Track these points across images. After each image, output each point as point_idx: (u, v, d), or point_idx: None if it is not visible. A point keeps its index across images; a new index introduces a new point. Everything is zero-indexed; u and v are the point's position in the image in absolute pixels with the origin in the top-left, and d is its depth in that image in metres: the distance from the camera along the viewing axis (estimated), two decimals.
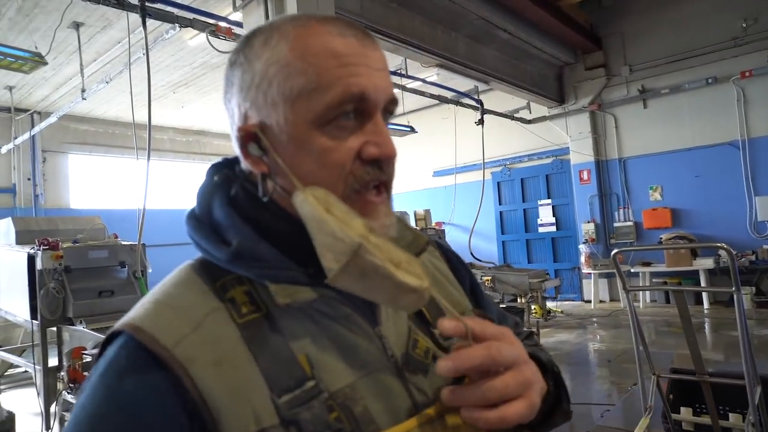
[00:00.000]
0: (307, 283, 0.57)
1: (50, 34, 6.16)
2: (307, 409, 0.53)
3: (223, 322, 0.55)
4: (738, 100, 8.04)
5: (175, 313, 0.55)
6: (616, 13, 9.16)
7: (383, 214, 0.59)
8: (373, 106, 0.58)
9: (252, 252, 0.57)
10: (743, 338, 2.08)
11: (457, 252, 0.85)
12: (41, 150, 9.55)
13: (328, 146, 0.57)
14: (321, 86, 0.56)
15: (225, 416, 0.50)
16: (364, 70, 0.58)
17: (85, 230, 4.83)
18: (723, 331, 6.45)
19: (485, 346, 0.52)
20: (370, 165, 0.58)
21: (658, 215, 8.78)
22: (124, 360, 0.53)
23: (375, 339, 0.60)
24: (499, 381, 0.52)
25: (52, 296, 4.10)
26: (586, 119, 9.50)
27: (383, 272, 0.50)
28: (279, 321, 0.56)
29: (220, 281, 0.58)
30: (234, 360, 0.53)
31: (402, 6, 6.17)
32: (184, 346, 0.52)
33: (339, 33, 0.58)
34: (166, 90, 8.94)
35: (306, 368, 0.55)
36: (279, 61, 0.58)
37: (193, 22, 4.81)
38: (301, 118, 0.57)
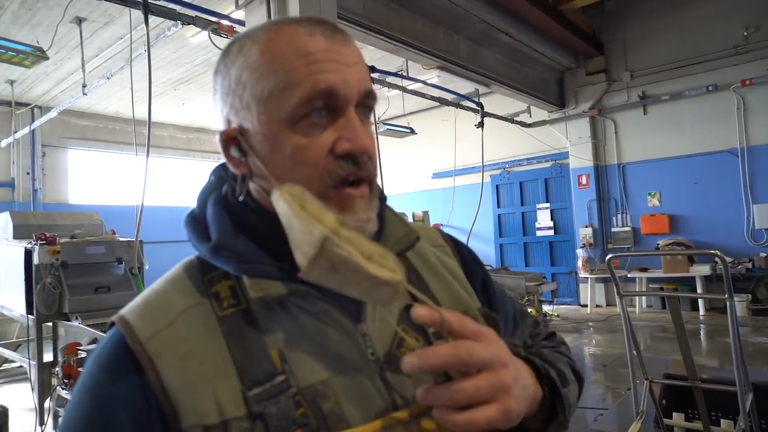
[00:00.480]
0: (279, 277, 0.58)
1: (52, 28, 6.17)
2: (274, 403, 0.54)
3: (200, 318, 0.58)
4: (738, 108, 8.06)
5: (155, 309, 0.59)
6: (618, 18, 9.17)
7: (360, 209, 0.59)
8: (344, 101, 0.59)
9: (229, 246, 0.59)
10: (735, 345, 2.09)
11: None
12: (41, 144, 9.54)
13: (301, 144, 0.58)
14: (289, 85, 0.57)
15: (183, 407, 0.53)
16: (332, 66, 0.58)
17: (83, 225, 4.83)
18: (718, 337, 6.46)
19: (454, 345, 0.50)
20: (343, 160, 0.58)
21: (656, 221, 8.80)
22: (107, 350, 0.58)
23: (356, 336, 0.60)
24: (469, 383, 0.50)
25: (48, 291, 4.10)
26: (586, 124, 9.51)
27: (352, 265, 0.49)
28: (257, 315, 0.58)
29: (209, 276, 0.61)
30: (203, 354, 0.56)
31: (404, 7, 6.18)
32: (155, 341, 0.56)
33: (307, 32, 0.59)
34: (167, 87, 8.95)
35: (277, 363, 0.56)
36: (250, 66, 0.60)
37: (195, 20, 4.81)
38: (274, 118, 0.58)
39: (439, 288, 0.71)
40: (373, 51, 7.04)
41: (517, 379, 0.54)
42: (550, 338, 0.82)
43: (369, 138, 0.61)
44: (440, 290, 0.71)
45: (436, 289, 0.71)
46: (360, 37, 5.88)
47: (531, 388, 0.58)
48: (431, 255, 0.75)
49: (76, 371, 3.23)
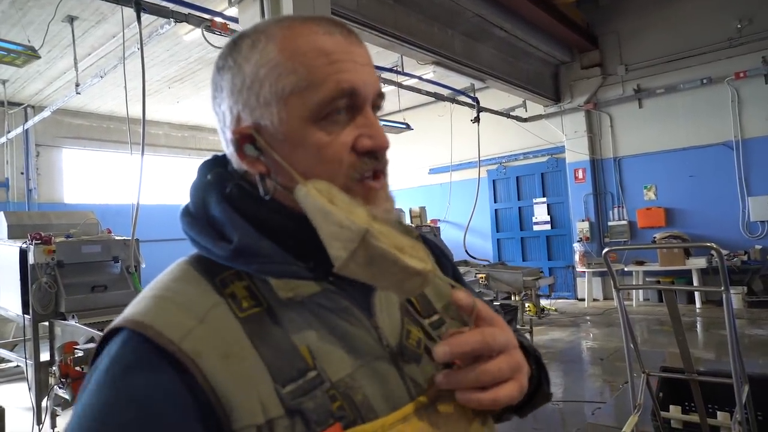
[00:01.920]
0: (310, 277, 0.59)
1: (44, 27, 6.12)
2: (310, 398, 0.54)
3: (224, 316, 0.56)
4: (732, 101, 8.08)
5: (178, 307, 0.55)
6: (612, 12, 9.17)
7: (383, 199, 0.62)
8: (363, 100, 0.61)
9: (253, 248, 0.58)
10: (731, 337, 2.09)
11: (449, 247, 0.87)
12: (35, 144, 9.48)
13: (324, 141, 0.59)
14: (313, 83, 0.58)
15: (236, 408, 0.51)
16: (352, 65, 0.60)
17: (78, 225, 4.81)
18: (714, 330, 6.49)
19: (480, 332, 0.56)
20: (365, 156, 0.60)
21: (652, 214, 8.82)
22: (130, 355, 0.52)
23: (371, 330, 0.62)
24: (493, 364, 0.56)
25: (44, 291, 4.08)
26: (582, 118, 9.52)
27: (391, 257, 0.51)
28: (280, 314, 0.58)
29: (219, 277, 0.59)
30: (240, 353, 0.54)
31: (398, 3, 6.16)
32: (191, 339, 0.52)
33: (325, 32, 0.60)
34: (161, 85, 8.91)
35: (308, 359, 0.56)
36: (269, 63, 0.59)
37: (189, 17, 4.78)
38: (296, 116, 0.59)
39: None
40: (368, 47, 7.02)
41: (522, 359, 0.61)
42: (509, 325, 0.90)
43: (385, 135, 0.63)
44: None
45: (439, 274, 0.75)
46: None
47: (524, 364, 0.63)
48: None
49: (73, 370, 3.22)
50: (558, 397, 4.48)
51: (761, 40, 7.78)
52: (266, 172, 0.61)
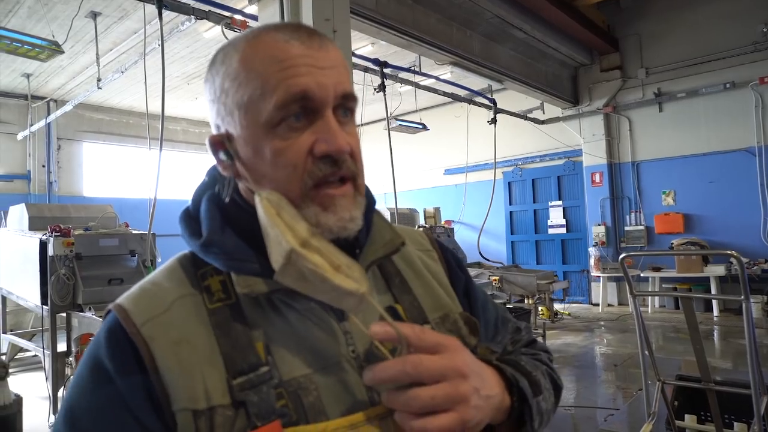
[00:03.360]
0: (262, 275, 0.60)
1: (68, 23, 6.22)
2: (256, 392, 0.56)
3: (192, 307, 0.61)
4: (756, 106, 7.93)
5: (151, 297, 0.62)
6: (634, 14, 9.05)
7: (342, 208, 0.61)
8: (320, 103, 0.60)
9: (219, 243, 0.62)
10: (750, 347, 2.05)
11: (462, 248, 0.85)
12: (56, 138, 9.66)
13: (280, 147, 0.60)
14: (266, 91, 0.59)
15: (176, 391, 0.55)
16: (306, 69, 0.60)
17: (96, 218, 4.88)
18: (732, 339, 6.38)
19: (401, 360, 0.53)
20: (322, 161, 0.60)
21: (670, 220, 8.69)
22: (104, 333, 0.60)
23: (339, 333, 0.63)
24: (424, 391, 0.52)
25: (62, 282, 4.15)
26: (600, 121, 9.41)
27: (319, 276, 0.53)
28: (245, 309, 0.61)
29: (200, 271, 0.64)
30: (195, 341, 0.58)
31: (417, 3, 6.14)
32: (150, 325, 0.58)
33: (284, 39, 0.61)
34: (180, 81, 9.00)
35: (261, 354, 0.58)
36: (231, 74, 0.62)
37: (209, 15, 4.83)
38: (253, 124, 0.61)
39: (422, 291, 0.73)
40: (385, 46, 7.03)
41: (478, 390, 0.56)
42: (531, 345, 0.83)
43: (351, 137, 0.62)
44: (423, 293, 0.73)
45: (418, 292, 0.73)
46: (372, 32, 5.86)
47: (496, 397, 0.60)
48: (416, 259, 0.77)
49: None
50: (570, 403, 4.44)
51: None
52: (236, 175, 0.65)
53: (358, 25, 5.48)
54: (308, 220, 0.60)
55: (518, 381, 0.65)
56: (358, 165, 0.64)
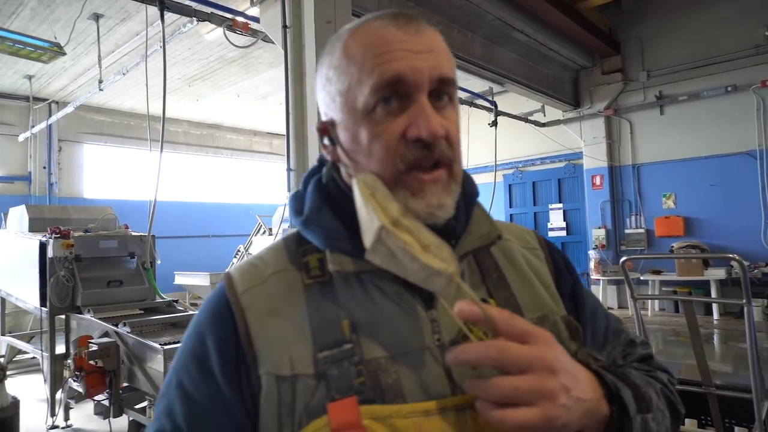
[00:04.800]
0: (358, 255, 0.62)
1: (70, 24, 6.23)
2: (337, 367, 0.59)
3: (287, 282, 0.66)
4: (758, 110, 7.91)
5: (254, 269, 0.68)
6: (635, 17, 9.05)
7: (431, 194, 0.62)
8: (414, 87, 0.61)
9: (316, 221, 0.67)
10: (752, 351, 2.04)
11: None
12: (57, 139, 9.66)
13: (375, 132, 0.62)
14: (362, 78, 0.62)
15: (263, 356, 0.61)
16: (401, 54, 0.61)
17: (96, 220, 4.88)
18: (732, 342, 6.35)
19: (485, 344, 0.52)
20: (414, 145, 0.61)
21: (671, 223, 8.68)
22: (212, 297, 0.68)
23: (425, 321, 0.63)
24: (507, 381, 0.51)
25: (61, 284, 4.15)
26: (601, 124, 9.40)
27: (408, 254, 0.54)
28: (337, 288, 0.64)
29: (303, 248, 0.69)
30: (286, 313, 0.63)
31: (418, 5, 6.15)
32: (248, 295, 0.65)
33: (381, 26, 0.63)
34: (181, 83, 9.01)
35: (346, 332, 0.61)
36: (333, 63, 0.66)
37: (211, 17, 4.84)
38: (352, 110, 0.63)
39: (522, 288, 0.71)
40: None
41: (567, 389, 0.52)
42: (647, 361, 0.77)
43: (448, 122, 0.63)
44: (522, 290, 0.71)
45: (517, 288, 0.71)
46: None
47: (590, 402, 0.55)
48: (519, 255, 0.75)
49: (87, 364, 3.26)
50: None
51: None
52: (337, 159, 0.68)
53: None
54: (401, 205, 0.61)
55: (619, 390, 0.59)
56: (455, 150, 0.64)
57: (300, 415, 0.57)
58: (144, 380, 3.12)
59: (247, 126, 12.51)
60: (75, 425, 4.29)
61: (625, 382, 0.61)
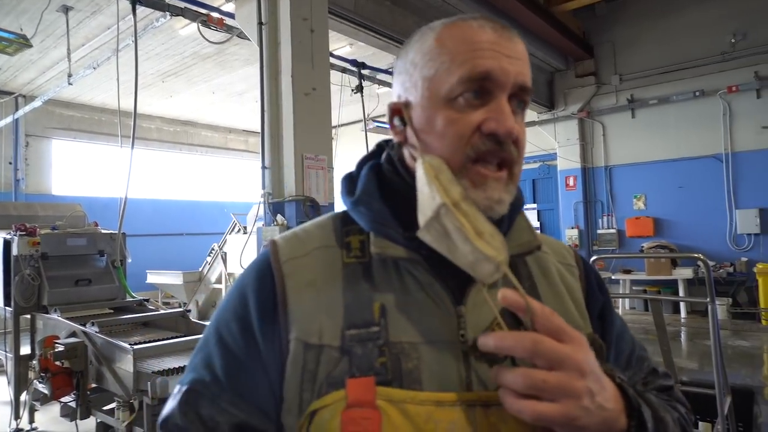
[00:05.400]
0: (399, 242, 0.65)
1: (38, 16, 6.05)
2: (362, 346, 0.61)
3: (329, 258, 0.69)
4: (724, 114, 8.16)
5: (299, 240, 0.72)
6: (608, 22, 9.23)
7: (492, 188, 0.64)
8: (498, 86, 0.64)
9: (366, 204, 0.69)
10: (715, 349, 2.10)
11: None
12: (24, 134, 9.37)
13: (453, 118, 0.64)
14: (452, 66, 0.64)
15: (295, 322, 0.64)
16: (494, 54, 0.64)
17: (64, 217, 4.75)
18: (698, 340, 6.53)
19: (524, 335, 0.53)
20: (488, 138, 0.63)
21: (641, 224, 8.88)
22: (257, 261, 0.72)
23: (453, 315, 0.65)
24: (536, 373, 0.52)
25: (27, 283, 4.03)
26: (575, 126, 9.56)
27: (462, 234, 0.56)
28: (374, 270, 0.67)
29: (346, 228, 0.72)
30: (323, 287, 0.66)
31: (396, 4, 6.16)
32: (291, 264, 0.68)
33: (478, 25, 0.67)
34: (154, 79, 8.83)
35: (376, 315, 0.63)
36: (423, 50, 0.68)
37: (185, 11, 4.75)
38: (434, 94, 0.66)
39: (552, 301, 0.72)
40: (364, 47, 7.01)
41: (593, 393, 0.53)
42: (667, 391, 0.77)
43: (519, 127, 0.66)
44: (552, 303, 0.71)
45: (547, 300, 0.71)
46: (351, 33, 5.84)
47: (610, 412, 0.55)
48: (554, 269, 0.76)
49: (53, 365, 3.17)
50: None
51: (754, 55, 7.85)
52: (404, 141, 0.70)
53: (337, 26, 5.46)
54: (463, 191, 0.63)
55: (641, 406, 0.59)
56: (520, 154, 0.66)
57: (321, 382, 0.61)
58: (113, 381, 3.05)
59: (223, 123, 12.34)
60: (40, 428, 4.17)
61: (646, 401, 0.62)
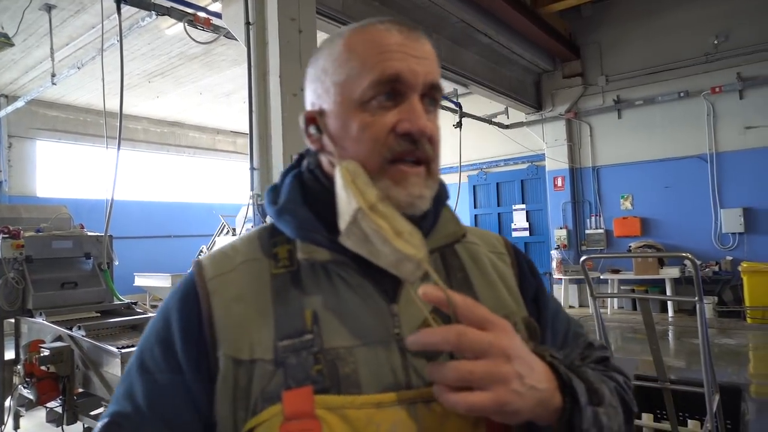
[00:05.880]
0: (325, 246, 0.66)
1: (19, 14, 5.96)
2: (296, 356, 0.60)
3: (257, 271, 0.68)
4: (708, 115, 8.26)
5: (225, 257, 0.71)
6: (594, 23, 9.31)
7: (413, 184, 0.65)
8: (409, 87, 0.65)
9: (291, 211, 0.69)
10: (704, 347, 2.12)
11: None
12: (7, 135, 9.23)
13: (367, 121, 0.65)
14: (363, 71, 0.65)
15: (223, 339, 0.63)
16: (402, 56, 0.65)
17: (49, 219, 4.68)
18: (686, 338, 6.60)
19: (447, 328, 0.53)
20: (403, 138, 0.65)
21: (629, 224, 8.96)
22: (181, 283, 0.71)
23: (386, 314, 0.65)
24: (463, 364, 0.53)
25: (11, 287, 3.96)
26: (562, 127, 9.63)
27: (381, 237, 0.56)
28: (303, 278, 0.67)
29: (274, 239, 0.71)
30: (252, 300, 0.65)
31: (383, 5, 6.15)
32: (216, 281, 0.68)
33: (386, 29, 0.67)
34: (140, 79, 8.75)
35: (308, 322, 0.63)
36: (333, 56, 0.69)
37: (171, 11, 4.70)
38: (347, 100, 0.66)
39: (485, 289, 0.74)
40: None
41: (521, 376, 0.54)
42: (603, 362, 0.78)
43: (432, 125, 0.67)
44: (485, 291, 0.74)
45: (480, 289, 0.74)
46: None
47: (543, 392, 0.56)
48: (485, 259, 0.78)
49: (38, 370, 3.11)
50: None
51: (737, 57, 7.96)
52: (321, 148, 0.70)
53: (325, 26, 5.44)
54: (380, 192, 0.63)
55: (572, 381, 0.60)
56: (435, 150, 0.68)
57: (256, 399, 0.59)
58: (100, 385, 3.00)
59: (211, 124, 12.26)
60: None
61: (579, 375, 0.62)
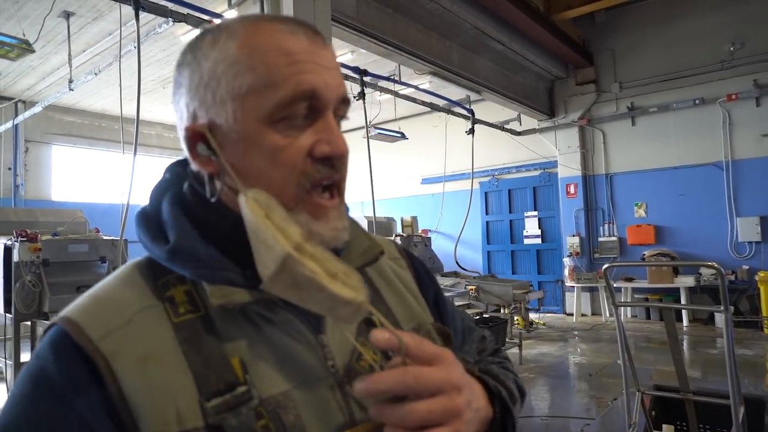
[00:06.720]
0: (243, 285, 0.56)
1: (39, 22, 6.05)
2: (234, 415, 0.52)
3: (156, 320, 0.55)
4: (723, 122, 8.18)
5: (108, 307, 0.55)
6: (608, 30, 9.27)
7: (333, 218, 0.59)
8: (324, 103, 0.57)
9: (189, 250, 0.56)
10: (729, 357, 2.08)
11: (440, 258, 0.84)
12: (24, 140, 9.35)
13: (280, 144, 0.56)
14: (271, 83, 0.55)
15: (144, 413, 0.50)
16: (314, 67, 0.57)
17: (65, 223, 4.72)
18: (701, 348, 6.51)
19: (402, 371, 0.49)
20: (321, 163, 0.57)
21: (642, 232, 8.88)
22: (49, 350, 0.53)
23: (317, 348, 0.59)
24: (422, 405, 0.49)
25: (27, 289, 4.00)
26: (575, 134, 9.58)
27: (315, 284, 0.48)
28: (216, 322, 0.56)
29: (161, 280, 0.58)
30: (162, 358, 0.52)
31: (398, 12, 6.17)
32: (110, 340, 0.52)
33: (289, 31, 0.57)
34: (155, 85, 8.83)
35: (238, 372, 0.54)
36: (227, 59, 0.57)
37: (187, 18, 4.75)
38: (252, 116, 0.56)
39: (396, 302, 0.71)
40: (365, 55, 7.03)
41: (470, 403, 0.54)
42: (495, 354, 0.83)
43: (345, 141, 0.59)
44: (396, 304, 0.71)
45: (392, 303, 0.71)
46: (353, 40, 5.85)
47: (483, 410, 0.58)
48: (388, 268, 0.74)
49: None
50: (545, 413, 4.45)
51: (753, 64, 7.89)
52: (216, 173, 0.58)
53: (339, 33, 5.47)
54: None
55: (500, 392, 0.63)
56: (347, 170, 0.61)
57: None
58: None
59: None
60: None
61: (499, 382, 0.65)
